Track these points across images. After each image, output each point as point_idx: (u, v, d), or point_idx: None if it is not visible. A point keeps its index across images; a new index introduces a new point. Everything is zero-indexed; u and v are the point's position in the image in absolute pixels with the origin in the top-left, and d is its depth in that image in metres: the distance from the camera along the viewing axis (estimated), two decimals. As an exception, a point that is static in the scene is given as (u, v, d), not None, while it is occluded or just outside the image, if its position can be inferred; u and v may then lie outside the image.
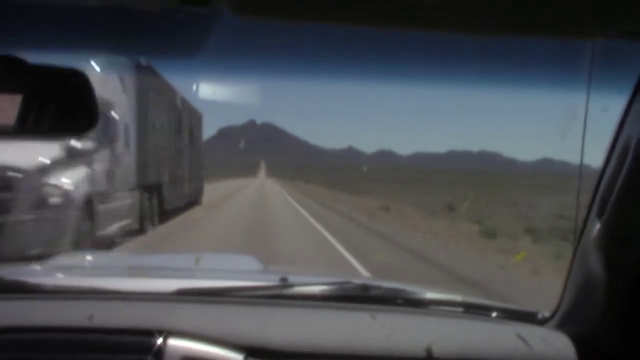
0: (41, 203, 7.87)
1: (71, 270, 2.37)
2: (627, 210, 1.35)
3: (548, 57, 1.61)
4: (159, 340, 1.46)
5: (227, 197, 31.37)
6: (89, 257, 3.03)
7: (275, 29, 1.63)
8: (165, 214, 14.76)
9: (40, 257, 2.84)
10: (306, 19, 1.03)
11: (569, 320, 1.62)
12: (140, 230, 12.29)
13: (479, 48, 1.66)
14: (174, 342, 1.47)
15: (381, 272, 8.73)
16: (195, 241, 11.35)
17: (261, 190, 44.93)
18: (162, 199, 14.52)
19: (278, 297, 1.77)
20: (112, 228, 10.21)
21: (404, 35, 1.41)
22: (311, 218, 19.26)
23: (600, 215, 1.40)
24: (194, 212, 18.49)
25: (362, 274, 8.18)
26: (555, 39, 1.22)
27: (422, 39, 1.55)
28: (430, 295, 1.84)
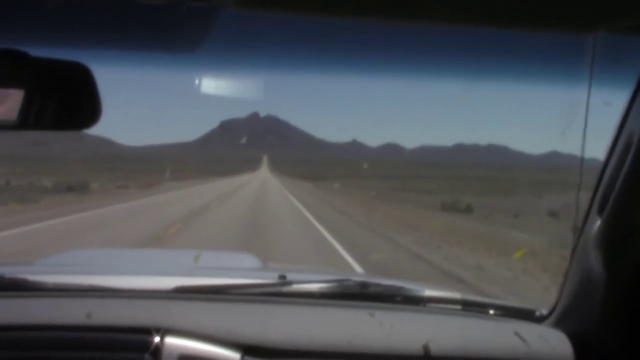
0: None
1: (70, 268, 2.37)
2: (628, 208, 1.34)
3: (553, 51, 1.60)
4: (157, 339, 1.47)
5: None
6: (87, 255, 3.04)
7: (279, 22, 1.63)
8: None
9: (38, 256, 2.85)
10: (309, 11, 1.03)
11: (567, 318, 1.63)
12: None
13: (484, 42, 1.66)
14: (172, 340, 1.48)
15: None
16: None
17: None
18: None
19: (276, 294, 1.78)
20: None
21: (409, 28, 1.41)
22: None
23: (600, 212, 1.40)
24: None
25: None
26: (557, 32, 1.22)
27: (427, 31, 1.55)
28: (428, 292, 1.84)
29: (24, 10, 1.35)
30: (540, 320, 1.73)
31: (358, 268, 9.96)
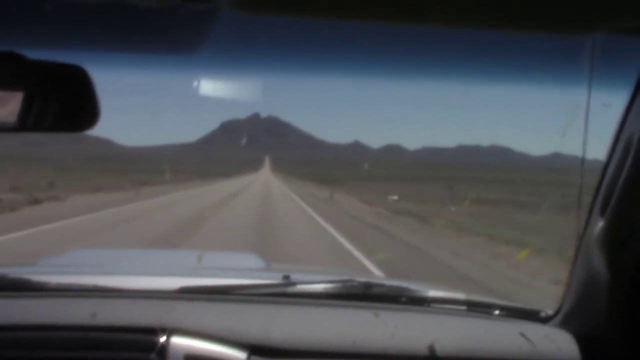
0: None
1: (74, 268, 2.38)
2: (629, 208, 1.34)
3: (552, 52, 1.61)
4: (162, 338, 1.47)
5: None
6: (91, 255, 3.04)
7: (278, 24, 1.63)
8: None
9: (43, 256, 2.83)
10: (308, 13, 1.03)
11: (572, 319, 1.63)
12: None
13: (484, 43, 1.66)
14: (177, 340, 1.48)
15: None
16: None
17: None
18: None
19: (281, 295, 1.78)
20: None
21: (410, 29, 1.41)
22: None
23: (602, 213, 1.40)
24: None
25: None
26: (557, 34, 1.22)
27: (427, 33, 1.55)
28: (433, 293, 1.84)
29: (22, 12, 1.35)
30: (545, 320, 1.73)
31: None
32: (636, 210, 1.33)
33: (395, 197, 29.72)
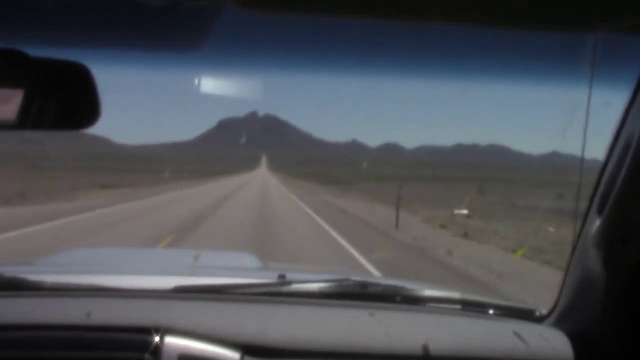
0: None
1: (69, 267, 2.38)
2: (627, 208, 1.34)
3: (554, 51, 1.61)
4: (157, 338, 1.47)
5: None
6: (87, 255, 3.04)
7: (279, 22, 1.63)
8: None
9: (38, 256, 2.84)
10: (308, 11, 1.03)
11: (567, 318, 1.63)
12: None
13: (484, 42, 1.66)
14: (172, 340, 1.48)
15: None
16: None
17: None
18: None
19: (276, 294, 1.78)
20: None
21: (410, 28, 1.41)
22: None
23: (600, 212, 1.40)
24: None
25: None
26: (558, 33, 1.22)
27: (427, 31, 1.55)
28: (428, 292, 1.84)
29: (23, 10, 1.35)
30: (540, 320, 1.73)
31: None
32: (635, 209, 1.33)
33: (465, 212, 22.00)
